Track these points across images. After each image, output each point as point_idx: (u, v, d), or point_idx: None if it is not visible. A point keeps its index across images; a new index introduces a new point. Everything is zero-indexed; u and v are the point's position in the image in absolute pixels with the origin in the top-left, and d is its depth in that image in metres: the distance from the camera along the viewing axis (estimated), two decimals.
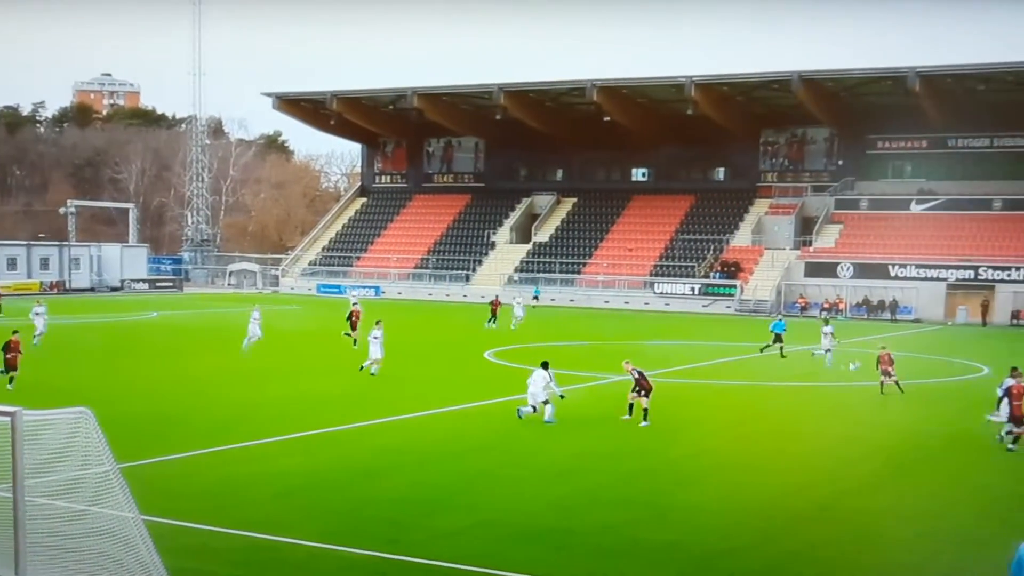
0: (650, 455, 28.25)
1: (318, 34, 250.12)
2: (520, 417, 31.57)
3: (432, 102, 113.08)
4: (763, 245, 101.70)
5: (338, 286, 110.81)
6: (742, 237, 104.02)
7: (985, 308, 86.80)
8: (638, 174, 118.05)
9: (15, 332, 39.05)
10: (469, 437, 30.44)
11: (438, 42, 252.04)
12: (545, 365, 32.32)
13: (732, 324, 79.28)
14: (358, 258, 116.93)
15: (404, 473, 25.33)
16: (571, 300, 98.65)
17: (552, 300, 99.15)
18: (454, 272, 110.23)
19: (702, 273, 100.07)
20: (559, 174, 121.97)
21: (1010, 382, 30.41)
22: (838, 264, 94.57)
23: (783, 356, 53.21)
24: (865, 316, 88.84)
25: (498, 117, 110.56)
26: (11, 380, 36.68)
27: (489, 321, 69.21)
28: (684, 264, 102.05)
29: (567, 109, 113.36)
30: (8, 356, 37.20)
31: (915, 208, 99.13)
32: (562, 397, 32.09)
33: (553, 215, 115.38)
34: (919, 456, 29.00)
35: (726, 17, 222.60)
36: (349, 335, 54.20)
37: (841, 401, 40.06)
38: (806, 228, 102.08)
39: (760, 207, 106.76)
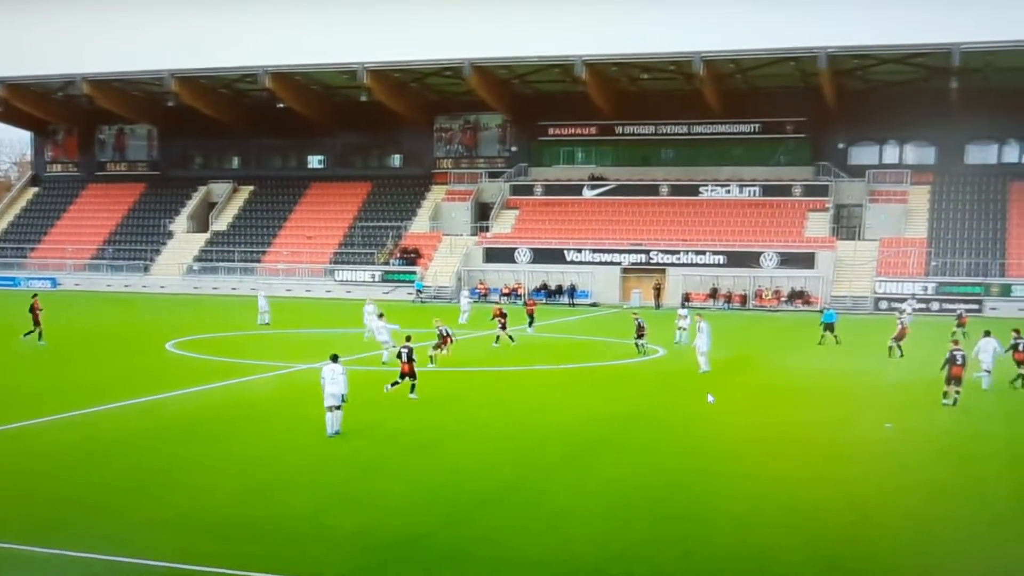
0: (336, 443, 26.12)
1: None
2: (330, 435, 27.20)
3: (102, 88, 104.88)
4: (441, 231, 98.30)
5: (13, 278, 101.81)
6: (420, 223, 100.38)
7: (658, 291, 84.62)
8: (314, 161, 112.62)
9: None
10: (155, 430, 27.82)
11: (109, 27, 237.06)
12: (335, 358, 27.58)
13: (415, 310, 74.36)
14: (32, 249, 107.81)
15: (92, 469, 23.17)
16: (252, 289, 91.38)
17: (233, 289, 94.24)
18: (132, 262, 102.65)
19: (382, 260, 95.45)
20: (235, 161, 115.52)
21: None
22: (516, 249, 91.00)
23: (836, 343, 52.07)
24: (544, 300, 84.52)
25: (170, 104, 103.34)
26: None
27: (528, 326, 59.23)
28: (364, 251, 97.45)
29: (241, 96, 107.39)
30: None
31: (587, 194, 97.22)
32: (344, 398, 27.36)
33: (231, 203, 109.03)
34: (600, 437, 27.94)
35: (399, 4, 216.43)
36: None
37: (525, 384, 38.82)
38: (483, 214, 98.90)
39: (437, 193, 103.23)
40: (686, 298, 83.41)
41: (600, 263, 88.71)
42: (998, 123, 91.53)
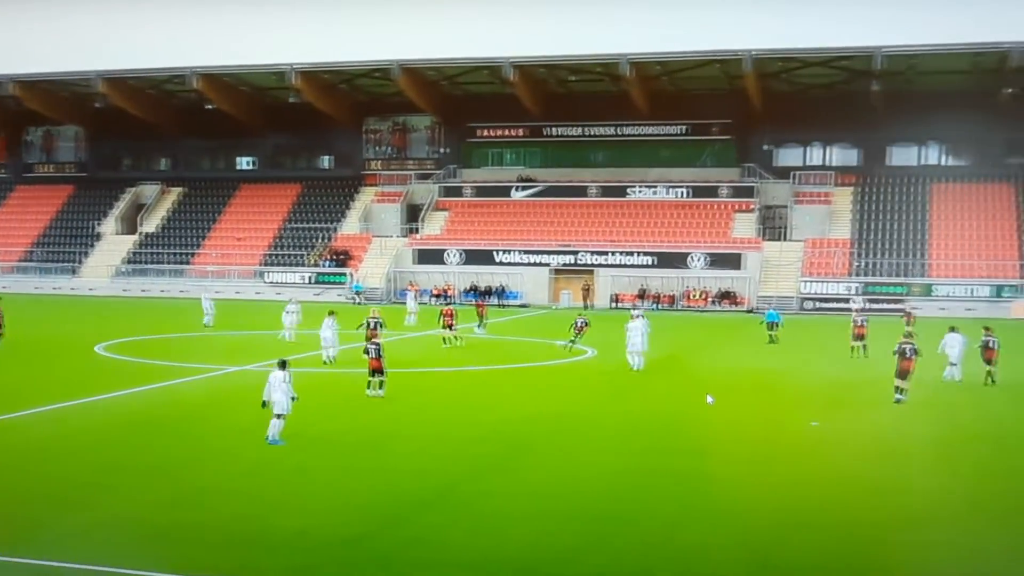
0: (268, 446, 25.33)
1: None
2: (270, 442, 25.71)
3: (30, 90, 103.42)
4: (372, 232, 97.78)
5: None
6: (351, 225, 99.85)
7: (587, 292, 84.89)
8: (244, 162, 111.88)
9: None
10: (87, 434, 27.35)
11: (36, 27, 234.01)
12: (283, 364, 26.12)
13: (345, 312, 73.91)
14: None
15: (29, 470, 22.92)
16: (182, 291, 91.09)
17: (163, 291, 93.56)
18: (61, 264, 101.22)
19: (312, 261, 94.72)
20: (164, 163, 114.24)
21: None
22: (445, 251, 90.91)
23: (772, 342, 53.98)
24: (473, 301, 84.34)
25: (99, 105, 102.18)
26: None
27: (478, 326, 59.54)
28: (294, 253, 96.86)
29: (169, 97, 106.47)
30: None
31: (516, 195, 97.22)
32: (294, 399, 26.08)
33: (160, 205, 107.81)
34: (534, 437, 27.95)
35: (328, 4, 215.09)
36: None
37: (459, 384, 38.89)
38: (413, 215, 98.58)
39: (367, 195, 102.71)
40: (615, 299, 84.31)
41: (529, 264, 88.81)
42: (919, 125, 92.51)
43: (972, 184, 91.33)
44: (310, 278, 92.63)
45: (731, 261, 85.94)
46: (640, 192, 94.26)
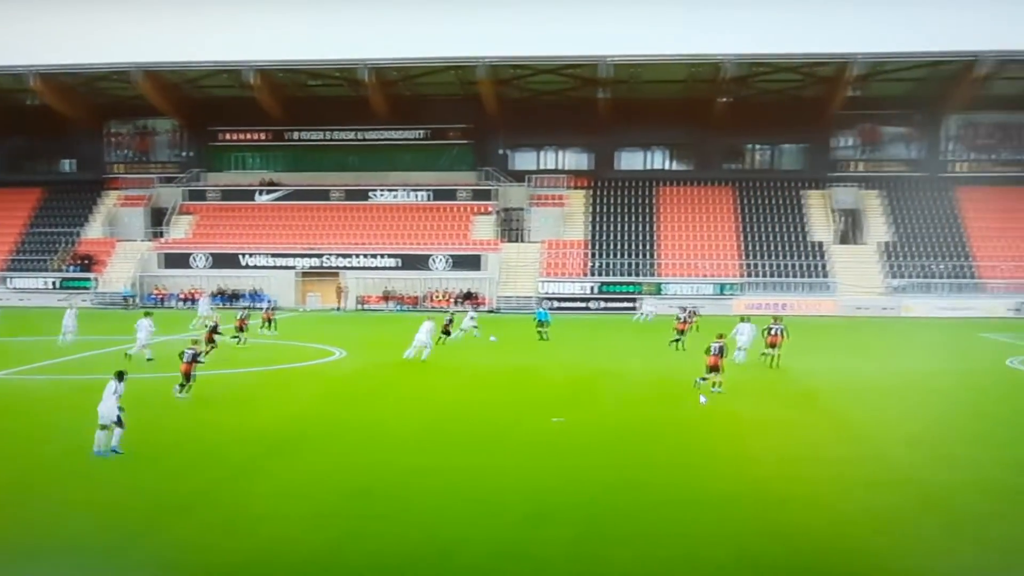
0: (34, 453, 25.34)
1: None
2: (98, 454, 25.03)
3: None
4: (116, 237, 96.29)
5: None
6: (94, 229, 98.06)
7: (338, 293, 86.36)
8: None
9: None
10: None
11: None
12: (120, 376, 25.64)
13: (94, 317, 73.43)
14: None
15: None
16: None
17: None
18: None
19: (56, 267, 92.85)
20: None
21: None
22: (191, 255, 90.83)
23: (543, 339, 56.57)
24: (221, 305, 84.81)
25: None
26: None
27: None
28: (38, 258, 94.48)
29: None
30: None
31: (261, 199, 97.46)
32: (121, 410, 25.34)
33: None
34: (292, 438, 27.91)
35: (66, 4, 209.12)
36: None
37: (225, 387, 37.95)
38: (158, 219, 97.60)
39: (111, 199, 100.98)
40: (361, 301, 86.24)
41: (276, 267, 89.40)
42: (644, 131, 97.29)
43: (695, 187, 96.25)
44: (55, 283, 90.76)
45: (472, 262, 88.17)
46: (382, 195, 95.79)
